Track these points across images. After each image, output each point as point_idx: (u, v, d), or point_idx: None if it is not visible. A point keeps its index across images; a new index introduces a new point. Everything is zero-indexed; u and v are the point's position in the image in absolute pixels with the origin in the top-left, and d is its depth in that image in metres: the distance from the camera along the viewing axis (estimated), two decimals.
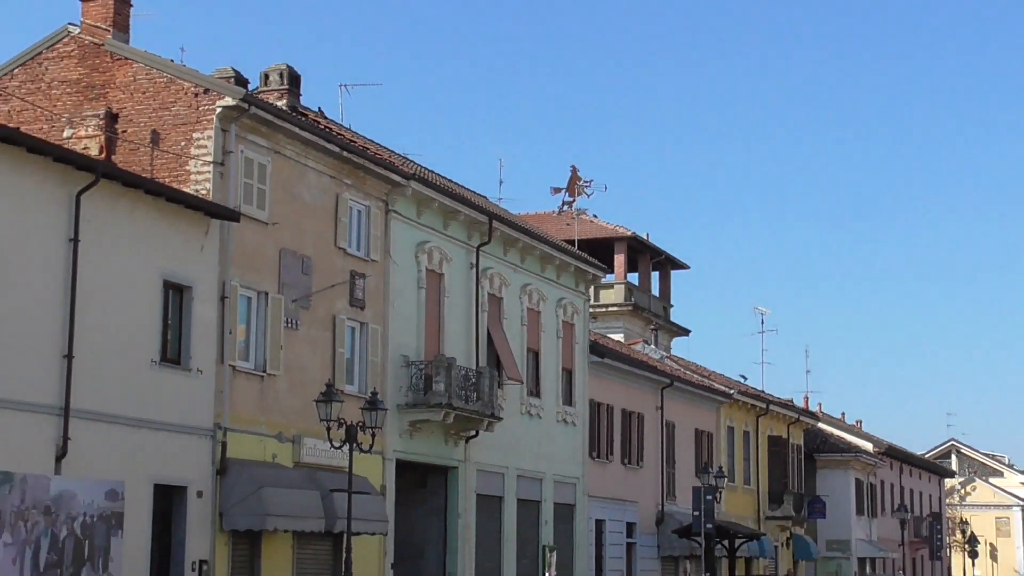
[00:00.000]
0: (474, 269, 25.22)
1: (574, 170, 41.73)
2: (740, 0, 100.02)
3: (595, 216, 40.29)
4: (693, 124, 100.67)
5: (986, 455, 72.22)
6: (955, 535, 56.43)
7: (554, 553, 26.40)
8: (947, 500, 60.22)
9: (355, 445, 17.81)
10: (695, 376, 36.31)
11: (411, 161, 24.93)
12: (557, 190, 40.17)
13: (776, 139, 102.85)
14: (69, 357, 15.83)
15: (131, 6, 19.01)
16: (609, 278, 36.88)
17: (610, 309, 38.51)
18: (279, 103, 20.95)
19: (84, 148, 18.74)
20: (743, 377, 41.78)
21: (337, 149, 20.93)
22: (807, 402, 47.00)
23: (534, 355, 27.46)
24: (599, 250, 36.36)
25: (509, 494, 26.49)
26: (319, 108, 23.86)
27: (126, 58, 19.24)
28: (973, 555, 55.57)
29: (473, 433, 24.34)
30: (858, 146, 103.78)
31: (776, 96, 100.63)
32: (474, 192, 28.12)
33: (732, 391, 36.92)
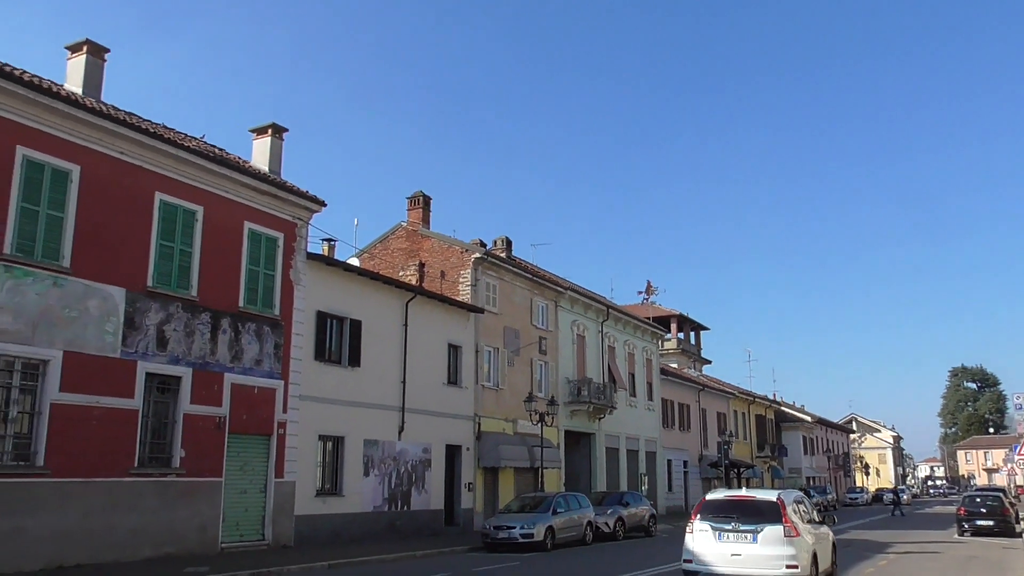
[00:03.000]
0: (600, 333, 39.84)
1: (649, 282, 72.92)
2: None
3: (660, 304, 64.22)
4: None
5: (872, 420, 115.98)
6: (856, 464, 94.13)
7: (646, 476, 41.94)
8: (852, 445, 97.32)
9: (544, 423, 29.21)
10: (716, 385, 58.71)
11: (567, 280, 39.76)
12: (640, 292, 63.86)
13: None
14: (404, 382, 26.80)
15: (430, 212, 33.62)
16: (668, 336, 58.85)
17: (670, 351, 58.57)
18: (502, 254, 33.88)
19: (409, 279, 31.07)
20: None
21: (531, 276, 34.32)
22: (775, 396, 74.53)
23: (632, 375, 42.39)
24: (663, 322, 59.30)
25: (622, 447, 41.22)
26: (519, 258, 39.63)
27: (428, 236, 32.98)
28: (866, 473, 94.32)
29: (602, 416, 38.34)
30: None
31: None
32: (597, 293, 43.24)
33: (735, 393, 60.01)
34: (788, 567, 13.20)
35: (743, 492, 15.17)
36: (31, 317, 16.52)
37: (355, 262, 32.44)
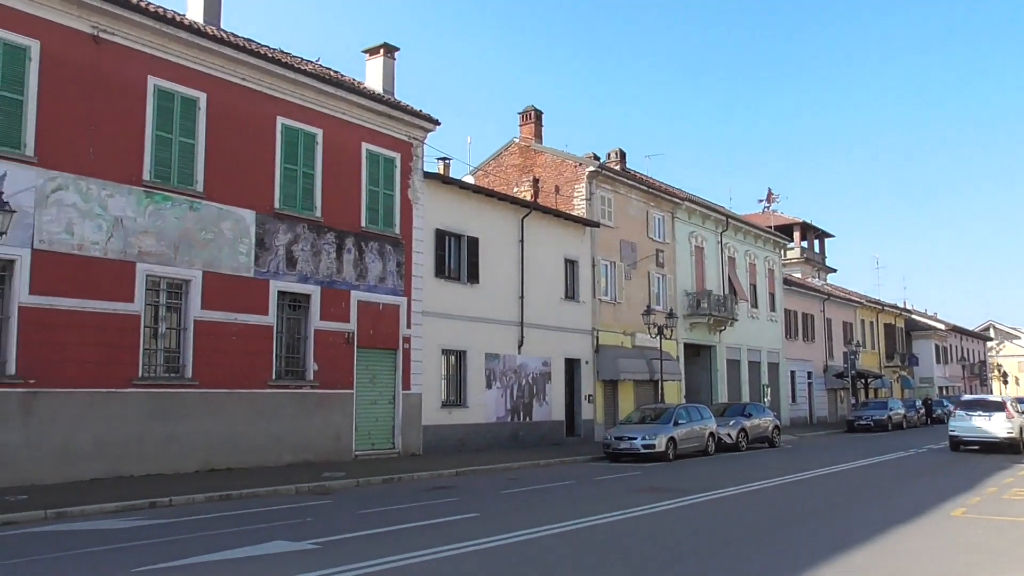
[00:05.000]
0: (719, 244, 38.98)
1: (769, 190, 71.02)
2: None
3: (781, 212, 62.93)
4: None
5: (1011, 327, 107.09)
6: (994, 372, 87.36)
7: (768, 388, 41.22)
8: (989, 353, 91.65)
9: (663, 336, 28.84)
10: (841, 294, 56.08)
11: (683, 191, 38.91)
12: (761, 201, 62.88)
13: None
14: (522, 298, 27.19)
15: (542, 126, 33.51)
16: (791, 244, 56.24)
17: (792, 261, 56.54)
18: (616, 167, 33.53)
19: (523, 195, 31.10)
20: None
21: (646, 188, 33.91)
22: (905, 304, 70.44)
23: (753, 287, 41.51)
24: (785, 230, 57.84)
25: (743, 359, 40.77)
26: (633, 170, 39.11)
27: (541, 151, 32.89)
28: (1004, 382, 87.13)
29: (723, 328, 37.98)
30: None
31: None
32: (716, 203, 42.04)
33: (862, 301, 57.33)
34: (1008, 432, 24.81)
35: (983, 396, 28.92)
36: (172, 239, 17.53)
37: (470, 180, 32.69)
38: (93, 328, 15.94)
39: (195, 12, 20.21)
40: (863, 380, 50.78)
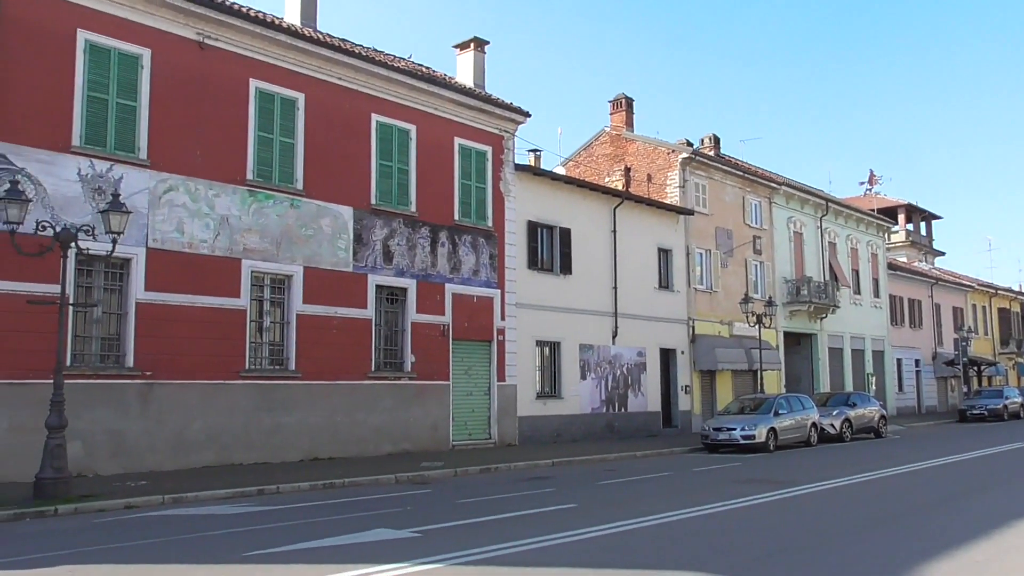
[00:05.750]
0: (819, 229, 37.66)
1: (871, 172, 69.93)
2: None
3: (884, 194, 59.41)
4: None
5: None
6: None
7: (873, 376, 39.64)
8: None
9: (762, 324, 28.24)
10: (951, 277, 52.97)
11: (780, 175, 37.78)
12: (862, 183, 60.54)
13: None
14: (615, 288, 26.97)
15: (633, 114, 33.23)
16: (895, 228, 54.10)
17: (897, 244, 54.45)
18: (710, 153, 32.94)
19: (615, 185, 30.88)
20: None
21: (742, 173, 33.20)
22: (1021, 287, 64.64)
23: (855, 272, 40.06)
24: (889, 213, 55.23)
25: (846, 347, 39.34)
26: (728, 155, 38.29)
27: (632, 139, 32.63)
28: None
29: (824, 315, 36.78)
30: None
31: None
32: (815, 187, 40.70)
33: (973, 285, 54.04)
34: None
35: None
36: (274, 236, 18.14)
37: (561, 171, 32.65)
38: (203, 322, 16.68)
39: (292, 15, 20.81)
40: (975, 368, 48.33)
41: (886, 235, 46.30)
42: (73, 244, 12.76)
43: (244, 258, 17.58)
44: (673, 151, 31.39)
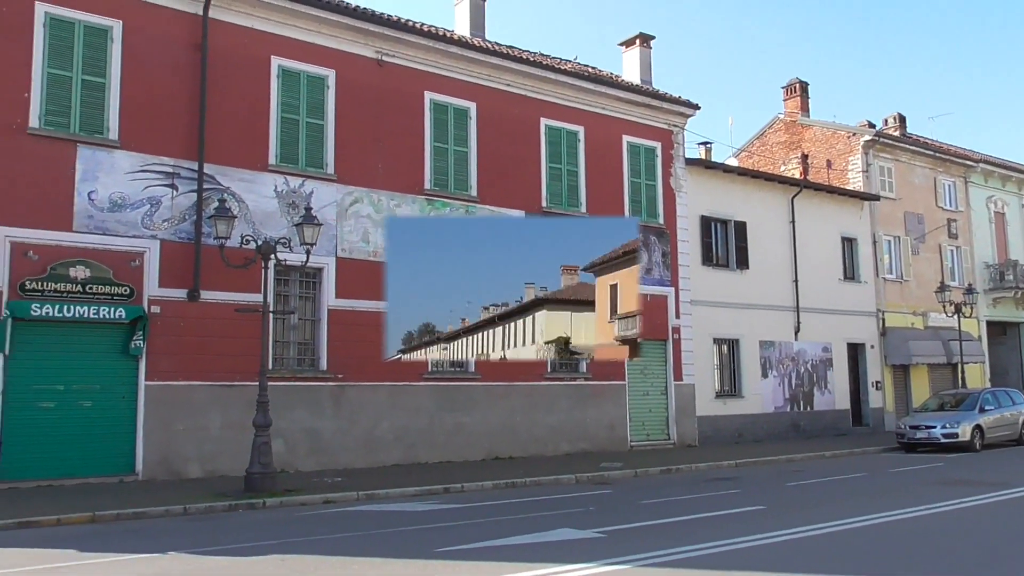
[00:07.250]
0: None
1: None
2: None
3: None
4: None
5: None
6: None
7: None
8: None
9: (961, 314, 26.17)
10: None
11: (977, 152, 34.69)
12: None
13: None
14: (796, 281, 25.79)
15: (808, 99, 31.66)
16: None
17: None
18: (895, 133, 31.09)
19: (791, 173, 29.73)
20: None
21: (932, 153, 30.78)
22: None
23: None
24: None
25: None
26: (915, 135, 35.43)
27: (809, 125, 31.25)
28: None
29: None
30: None
31: None
32: (1018, 163, 36.64)
33: None
34: None
35: None
36: None
37: (733, 162, 31.78)
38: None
39: (462, 26, 21.44)
40: None
41: None
42: (272, 255, 13.76)
43: None
44: (854, 134, 29.78)
